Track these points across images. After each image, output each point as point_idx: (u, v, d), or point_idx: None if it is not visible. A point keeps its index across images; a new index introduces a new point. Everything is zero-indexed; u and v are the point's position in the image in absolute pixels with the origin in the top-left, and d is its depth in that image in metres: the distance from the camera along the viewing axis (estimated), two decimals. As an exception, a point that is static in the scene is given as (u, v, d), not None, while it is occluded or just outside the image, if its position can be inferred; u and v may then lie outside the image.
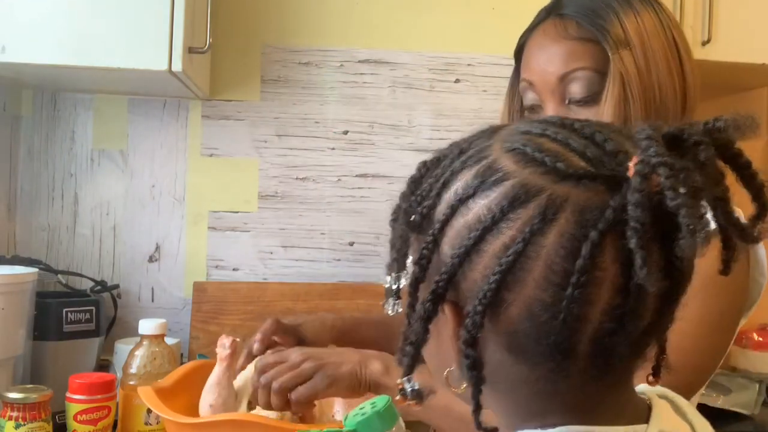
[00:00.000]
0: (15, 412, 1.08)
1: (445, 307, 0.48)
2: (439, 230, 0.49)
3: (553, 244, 0.44)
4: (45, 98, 1.68)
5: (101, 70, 1.36)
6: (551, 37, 0.94)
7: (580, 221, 0.44)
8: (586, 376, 0.47)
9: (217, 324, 1.64)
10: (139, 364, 1.15)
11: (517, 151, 0.47)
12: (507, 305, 0.46)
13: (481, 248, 0.46)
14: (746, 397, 1.59)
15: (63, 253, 1.68)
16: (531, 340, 0.46)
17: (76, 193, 1.69)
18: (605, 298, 0.45)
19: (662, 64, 0.91)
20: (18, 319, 1.25)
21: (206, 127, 1.72)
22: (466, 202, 0.48)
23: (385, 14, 1.77)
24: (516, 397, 0.50)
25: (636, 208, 0.42)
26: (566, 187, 0.45)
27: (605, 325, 0.45)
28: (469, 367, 0.47)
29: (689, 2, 1.64)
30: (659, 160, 0.41)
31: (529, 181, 0.46)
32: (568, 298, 0.44)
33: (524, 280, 0.45)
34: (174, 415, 0.92)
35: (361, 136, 1.77)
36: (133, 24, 1.33)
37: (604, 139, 0.46)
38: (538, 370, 0.48)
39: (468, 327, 0.47)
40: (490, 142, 0.50)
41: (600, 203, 0.44)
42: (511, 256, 0.45)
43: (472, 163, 0.49)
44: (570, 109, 0.93)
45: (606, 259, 0.44)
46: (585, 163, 0.46)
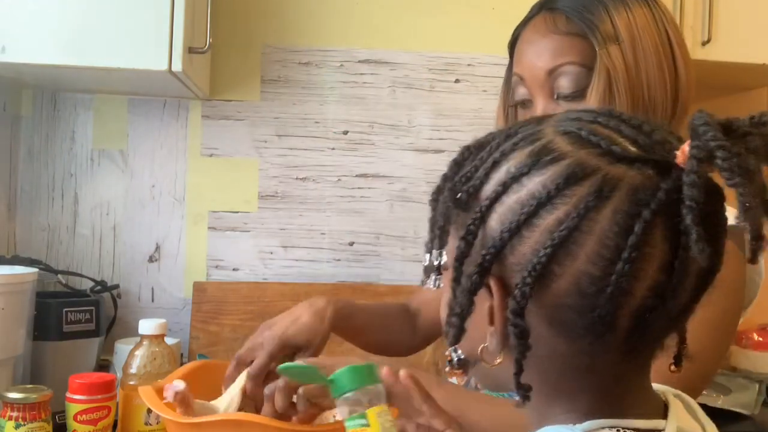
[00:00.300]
0: (15, 412, 1.08)
1: (490, 281, 0.50)
2: (488, 207, 0.51)
3: (607, 221, 0.47)
4: (45, 98, 1.68)
5: (101, 70, 1.36)
6: (540, 32, 0.95)
7: (634, 200, 0.47)
8: (619, 353, 0.50)
9: (217, 324, 1.64)
10: (139, 364, 1.14)
11: (572, 134, 0.50)
12: (555, 278, 0.48)
13: (534, 222, 0.48)
14: (746, 397, 1.59)
15: (63, 253, 1.68)
16: (575, 313, 0.48)
17: (76, 193, 1.69)
18: (651, 275, 0.47)
19: (653, 60, 0.91)
20: (18, 319, 1.25)
21: (206, 127, 1.72)
22: (519, 180, 0.50)
23: (385, 14, 1.77)
24: (548, 372, 0.52)
25: (691, 188, 0.45)
26: (621, 168, 0.48)
27: (648, 301, 0.48)
28: (516, 335, 0.49)
29: (689, 2, 1.64)
30: (718, 143, 0.44)
31: (586, 161, 0.48)
32: (618, 272, 0.46)
33: (575, 254, 0.47)
34: (174, 414, 0.92)
35: (361, 136, 1.77)
36: (133, 24, 1.33)
37: (651, 129, 0.49)
38: (576, 345, 0.50)
39: (517, 297, 0.48)
40: (541, 127, 0.52)
41: (652, 185, 0.47)
42: (565, 230, 0.47)
43: (525, 144, 0.51)
44: (559, 104, 0.93)
45: (656, 237, 0.47)
46: (636, 148, 0.49)
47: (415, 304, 1.25)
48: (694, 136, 0.46)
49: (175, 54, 1.33)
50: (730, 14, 1.67)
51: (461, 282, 0.51)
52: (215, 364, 1.16)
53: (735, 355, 1.92)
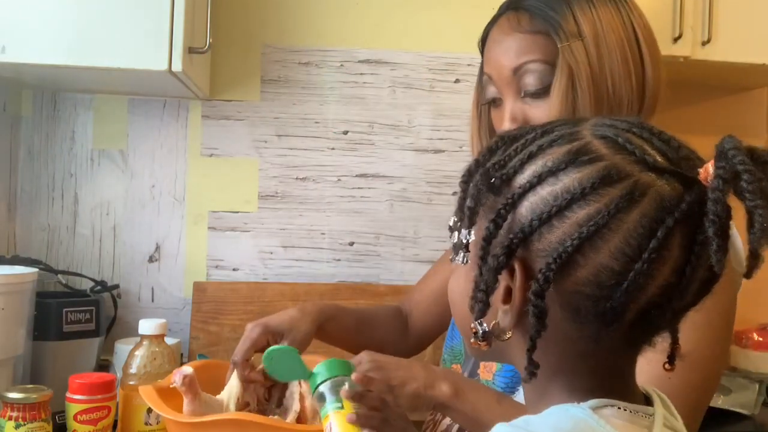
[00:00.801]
0: (15, 412, 1.08)
1: (514, 262, 0.54)
2: (521, 195, 0.54)
3: (634, 222, 0.51)
4: (45, 98, 1.68)
5: (101, 70, 1.36)
6: (505, 31, 0.96)
7: (660, 207, 0.51)
8: (622, 342, 0.55)
9: (217, 324, 1.64)
10: (139, 364, 1.14)
11: (609, 139, 0.54)
12: (578, 268, 0.52)
13: (565, 215, 0.52)
14: (746, 397, 1.59)
15: (63, 253, 1.68)
16: (590, 301, 0.52)
17: (76, 193, 1.69)
18: (665, 276, 0.52)
19: (617, 56, 0.92)
20: (18, 319, 1.25)
21: (206, 127, 1.72)
22: (556, 174, 0.53)
23: (385, 14, 1.77)
24: (553, 353, 0.55)
25: (716, 204, 0.49)
26: (651, 177, 0.52)
27: (656, 299, 0.52)
28: (535, 314, 0.53)
29: (689, 2, 1.64)
30: (745, 167, 0.48)
31: (621, 165, 0.52)
32: (636, 270, 0.51)
33: (600, 248, 0.51)
34: (175, 414, 0.92)
35: (361, 136, 1.77)
36: (133, 24, 1.33)
37: (678, 145, 0.54)
38: (583, 330, 0.54)
39: (540, 281, 0.52)
40: (578, 129, 0.56)
41: (677, 196, 0.51)
42: (594, 225, 0.51)
43: (563, 142, 0.55)
44: (526, 101, 0.95)
45: (674, 242, 0.51)
46: (664, 161, 0.53)
47: (407, 307, 1.25)
48: (722, 158, 0.49)
49: (175, 54, 1.33)
50: (730, 14, 1.67)
51: (488, 261, 0.55)
52: (215, 363, 1.16)
53: (735, 355, 1.92)
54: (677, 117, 1.95)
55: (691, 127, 0.97)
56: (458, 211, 0.58)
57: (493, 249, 0.55)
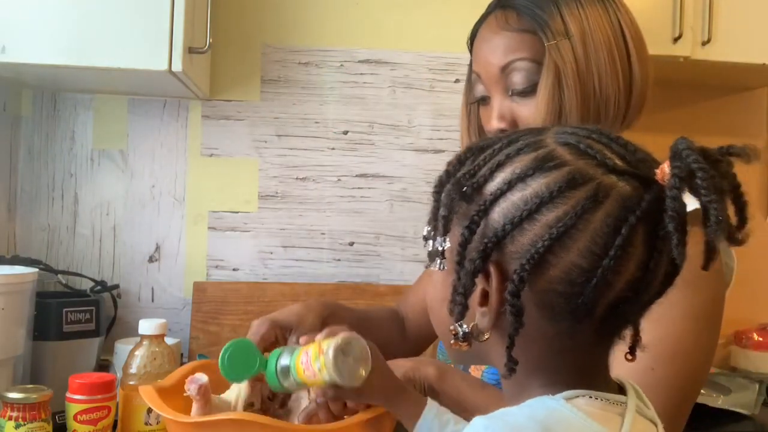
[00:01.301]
0: (15, 412, 1.08)
1: (489, 266, 0.57)
2: (492, 201, 0.57)
3: (599, 222, 0.54)
4: (45, 98, 1.68)
5: (101, 70, 1.36)
6: (493, 30, 0.97)
7: (623, 206, 0.54)
8: (594, 336, 0.58)
9: (217, 324, 1.64)
10: (139, 364, 1.14)
11: (571, 146, 0.57)
12: (549, 267, 0.55)
13: (536, 218, 0.55)
14: (746, 397, 1.59)
15: (63, 253, 1.68)
16: (563, 299, 0.55)
17: (76, 193, 1.69)
18: (630, 271, 0.55)
19: (604, 55, 0.93)
20: (18, 319, 1.25)
21: (206, 127, 1.72)
22: (524, 180, 0.57)
23: (385, 14, 1.77)
24: (531, 350, 0.58)
25: (674, 201, 0.52)
26: (612, 178, 0.55)
27: (624, 293, 0.55)
28: (513, 313, 0.56)
29: (689, 2, 1.64)
30: (698, 166, 0.52)
31: (584, 169, 0.56)
32: (604, 266, 0.54)
33: (569, 248, 0.54)
34: (175, 414, 0.92)
35: (361, 136, 1.77)
36: (133, 24, 1.33)
37: (635, 149, 0.57)
38: (558, 326, 0.57)
39: (515, 281, 0.55)
40: (542, 137, 0.59)
41: (637, 195, 0.55)
42: (563, 226, 0.54)
43: (529, 150, 0.58)
44: (513, 100, 0.95)
45: (637, 239, 0.54)
46: (623, 163, 0.56)
47: (403, 309, 1.25)
48: (677, 158, 0.53)
49: (175, 54, 1.33)
50: (730, 14, 1.67)
51: (464, 265, 0.58)
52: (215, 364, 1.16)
53: (735, 355, 1.92)
54: (677, 117, 1.95)
55: (691, 127, 0.97)
56: (432, 220, 0.62)
57: (469, 254, 0.58)
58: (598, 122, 0.93)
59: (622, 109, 0.95)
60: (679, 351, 0.85)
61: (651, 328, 0.86)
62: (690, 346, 0.86)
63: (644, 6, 1.61)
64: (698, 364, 0.88)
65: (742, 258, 0.95)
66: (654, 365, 0.84)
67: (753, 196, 1.97)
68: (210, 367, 1.12)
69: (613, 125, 0.95)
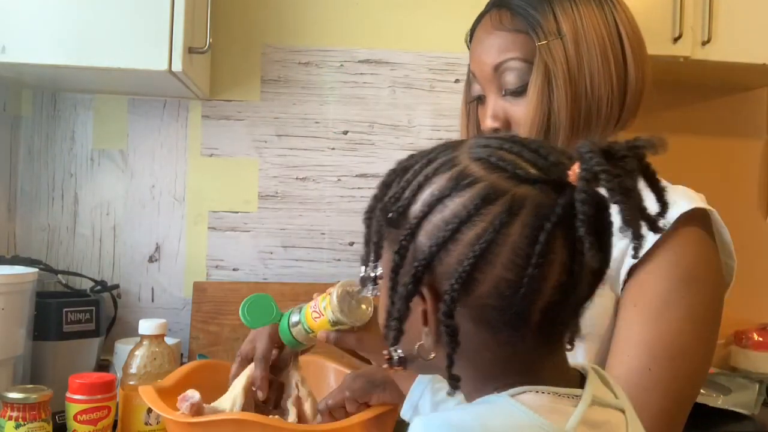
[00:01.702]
0: (15, 412, 1.08)
1: (422, 288, 0.58)
2: (416, 225, 0.58)
3: (517, 233, 0.55)
4: (45, 98, 1.68)
5: (101, 70, 1.36)
6: (487, 29, 0.97)
7: (538, 215, 0.55)
8: (535, 341, 0.58)
9: (217, 324, 1.64)
10: (139, 364, 1.15)
11: (483, 161, 0.58)
12: (478, 284, 0.56)
13: (457, 238, 0.56)
14: (746, 397, 1.59)
15: (63, 253, 1.68)
16: (496, 311, 0.56)
17: (76, 193, 1.69)
18: (555, 276, 0.56)
19: (597, 56, 0.92)
20: (18, 319, 1.25)
21: (206, 127, 1.72)
22: (442, 201, 0.57)
23: (385, 14, 1.77)
24: (479, 361, 0.60)
25: (582, 204, 0.53)
26: (525, 188, 0.56)
27: (553, 298, 0.56)
28: (448, 334, 0.57)
29: (689, 2, 1.64)
30: (601, 168, 0.53)
31: (497, 183, 0.56)
32: (528, 276, 0.55)
33: (493, 263, 0.55)
34: (175, 414, 0.92)
35: (361, 136, 1.77)
36: (133, 24, 1.33)
37: (548, 152, 0.58)
38: (498, 337, 0.58)
39: (447, 302, 0.56)
40: (457, 153, 0.60)
41: (551, 202, 0.55)
42: (484, 243, 0.55)
43: (445, 169, 0.59)
44: (507, 100, 0.96)
45: (557, 244, 0.55)
46: (536, 170, 0.57)
47: None
48: (582, 161, 0.54)
49: (175, 54, 1.33)
50: (730, 14, 1.67)
51: (398, 290, 0.59)
52: (215, 364, 1.16)
53: (735, 355, 1.92)
54: (677, 117, 1.95)
55: (691, 127, 0.97)
56: (365, 246, 0.62)
57: (401, 278, 0.58)
58: (588, 123, 0.93)
59: (616, 110, 0.94)
60: (677, 351, 0.85)
61: (649, 328, 0.86)
62: (688, 347, 0.86)
63: (644, 6, 1.61)
64: (697, 364, 0.87)
65: (742, 258, 0.95)
66: (651, 365, 0.84)
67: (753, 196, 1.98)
68: (209, 367, 1.13)
69: (605, 126, 0.95)
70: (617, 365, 0.86)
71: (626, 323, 0.88)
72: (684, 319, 0.85)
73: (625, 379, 0.84)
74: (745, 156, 2.01)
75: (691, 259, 0.88)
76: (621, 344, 0.87)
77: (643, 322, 0.86)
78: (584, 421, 0.58)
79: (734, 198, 1.95)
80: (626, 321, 0.88)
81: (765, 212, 1.99)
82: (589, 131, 0.93)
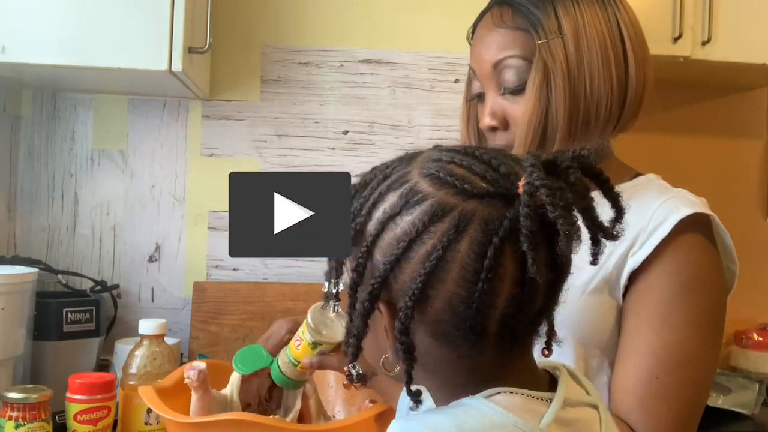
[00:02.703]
0: (15, 412, 1.08)
1: (380, 305, 0.59)
2: (372, 242, 0.59)
3: (466, 249, 0.56)
4: (45, 98, 1.68)
5: (101, 70, 1.36)
6: (488, 26, 0.97)
7: (486, 230, 0.55)
8: (496, 351, 0.59)
9: (217, 324, 1.64)
10: (139, 364, 1.15)
11: (432, 176, 0.59)
12: (431, 300, 0.57)
13: (409, 256, 0.57)
14: (746, 397, 1.59)
15: (63, 253, 1.68)
16: (452, 326, 0.57)
17: (76, 193, 1.69)
18: (507, 289, 0.56)
19: (598, 56, 0.91)
20: (18, 319, 1.25)
21: (206, 127, 1.72)
22: (394, 219, 0.58)
23: (385, 14, 1.77)
24: (443, 374, 0.61)
25: (526, 219, 0.54)
26: (473, 203, 0.56)
27: (508, 310, 0.57)
28: (403, 351, 0.58)
29: (689, 2, 1.64)
30: (541, 182, 0.53)
31: (444, 200, 0.57)
32: (479, 291, 0.55)
33: (444, 279, 0.56)
34: (175, 414, 0.92)
35: (361, 136, 1.77)
36: (133, 24, 1.33)
37: (499, 163, 0.58)
38: (458, 351, 0.59)
39: (402, 319, 0.57)
40: (409, 169, 0.61)
41: (499, 216, 0.56)
42: (434, 260, 0.56)
43: (397, 186, 0.60)
44: (506, 98, 0.95)
45: (506, 258, 0.55)
46: (485, 184, 0.57)
47: None
48: (526, 176, 0.55)
49: (175, 54, 1.33)
50: (730, 14, 1.67)
51: (356, 307, 0.60)
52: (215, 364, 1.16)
53: (735, 355, 1.92)
54: (677, 117, 1.95)
55: (691, 127, 0.96)
56: (328, 262, 0.64)
57: (360, 295, 0.60)
58: (587, 124, 0.92)
59: (615, 112, 0.93)
60: (683, 358, 0.85)
61: (654, 337, 0.86)
62: (694, 353, 0.86)
63: (644, 6, 1.60)
64: (704, 370, 0.87)
65: (742, 258, 0.95)
66: (659, 374, 0.84)
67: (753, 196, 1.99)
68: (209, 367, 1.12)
69: (604, 128, 0.94)
70: (625, 375, 0.86)
71: (631, 332, 0.87)
72: (689, 326, 0.85)
73: (633, 389, 0.84)
74: (745, 156, 2.01)
75: (693, 265, 0.87)
76: (627, 353, 0.87)
77: (648, 331, 0.86)
78: (558, 419, 0.59)
79: (734, 198, 1.95)
80: (631, 330, 0.87)
81: (765, 212, 1.99)
82: (587, 132, 0.92)
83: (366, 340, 0.62)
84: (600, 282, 0.89)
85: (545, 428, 0.57)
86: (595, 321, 0.89)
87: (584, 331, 0.89)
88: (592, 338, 0.89)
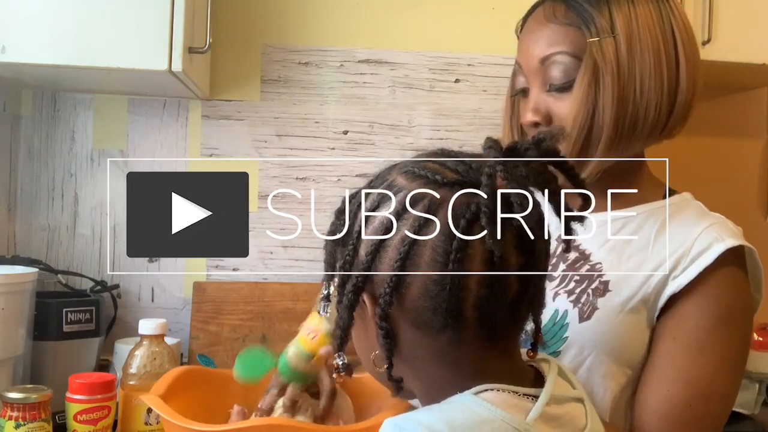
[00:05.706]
0: (15, 412, 1.08)
1: (364, 297, 0.63)
2: (356, 239, 0.63)
3: (436, 233, 0.59)
4: (45, 98, 1.68)
5: (101, 70, 1.36)
6: (539, 20, 0.94)
7: (454, 215, 0.59)
8: (477, 341, 0.61)
9: (217, 324, 1.64)
10: (139, 364, 1.15)
11: (408, 172, 0.64)
12: (408, 286, 0.60)
13: (386, 244, 0.61)
14: (746, 397, 1.59)
15: (63, 253, 1.68)
16: (430, 312, 0.60)
17: (76, 193, 1.69)
18: (477, 269, 0.59)
19: (650, 58, 0.89)
20: (18, 319, 1.25)
21: (206, 127, 1.72)
22: (373, 213, 0.63)
23: (385, 14, 1.77)
24: (429, 369, 0.63)
25: (486, 199, 0.58)
26: (443, 191, 0.61)
27: (481, 292, 0.59)
28: (383, 336, 0.61)
29: (689, 2, 1.64)
30: (497, 161, 0.58)
31: (417, 190, 0.62)
32: (450, 270, 0.58)
33: (418, 264, 0.60)
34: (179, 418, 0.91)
35: (361, 136, 1.77)
36: (133, 24, 1.33)
37: (471, 160, 0.63)
38: (440, 339, 0.61)
39: (381, 305, 0.61)
40: (392, 170, 0.67)
41: (467, 201, 0.60)
42: (407, 245, 0.60)
43: (377, 186, 0.66)
44: (551, 94, 0.92)
45: (475, 240, 0.59)
46: (455, 175, 0.62)
47: None
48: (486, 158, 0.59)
49: (175, 54, 1.33)
50: (730, 14, 1.66)
51: (343, 301, 0.64)
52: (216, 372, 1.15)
53: (735, 355, 1.92)
54: (677, 117, 1.95)
55: (691, 127, 0.96)
56: (325, 268, 0.68)
57: (346, 290, 0.63)
58: (634, 127, 0.89)
59: (663, 117, 0.90)
60: (714, 391, 0.86)
61: (691, 366, 0.89)
62: (723, 387, 0.88)
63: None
64: (728, 403, 0.89)
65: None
66: (692, 402, 0.86)
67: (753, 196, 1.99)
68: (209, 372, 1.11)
69: (650, 133, 0.91)
70: (657, 399, 0.87)
71: (664, 356, 0.88)
72: (723, 360, 0.87)
73: (665, 413, 0.86)
74: (745, 156, 2.01)
75: (732, 297, 0.88)
76: (660, 377, 0.87)
77: (684, 358, 0.86)
78: (544, 415, 0.61)
79: (734, 198, 1.95)
80: (664, 354, 0.88)
81: (765, 212, 1.99)
82: (633, 135, 0.90)
83: (356, 338, 0.66)
84: (638, 302, 0.88)
85: (531, 423, 0.59)
86: (631, 340, 0.89)
87: (620, 350, 0.89)
88: (626, 357, 0.89)
